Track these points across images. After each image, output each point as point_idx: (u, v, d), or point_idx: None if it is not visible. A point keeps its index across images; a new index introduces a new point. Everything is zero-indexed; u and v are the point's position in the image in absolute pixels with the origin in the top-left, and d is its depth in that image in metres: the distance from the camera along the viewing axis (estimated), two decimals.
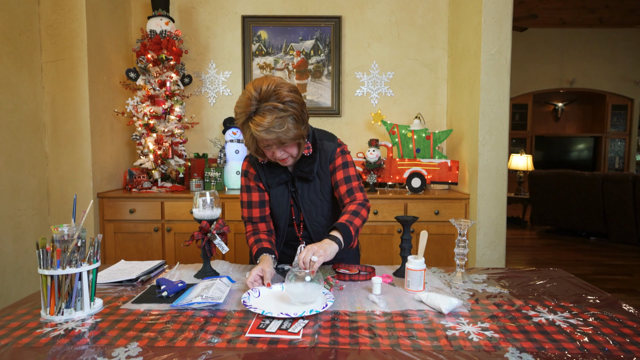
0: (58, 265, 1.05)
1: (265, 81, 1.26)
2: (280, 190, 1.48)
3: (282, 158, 1.37)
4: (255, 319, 1.06)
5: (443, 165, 2.82)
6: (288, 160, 1.39)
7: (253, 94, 1.25)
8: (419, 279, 1.26)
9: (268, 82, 1.26)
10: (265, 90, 1.24)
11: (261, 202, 1.51)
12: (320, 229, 1.51)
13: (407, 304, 1.18)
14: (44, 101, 2.58)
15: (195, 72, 3.20)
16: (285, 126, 1.26)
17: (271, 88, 1.25)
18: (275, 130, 1.25)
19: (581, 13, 6.24)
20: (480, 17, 2.55)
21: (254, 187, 1.51)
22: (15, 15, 2.36)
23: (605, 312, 1.13)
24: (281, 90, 1.26)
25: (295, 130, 1.30)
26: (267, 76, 1.29)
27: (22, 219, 2.41)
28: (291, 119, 1.28)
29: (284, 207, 1.49)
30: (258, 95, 1.25)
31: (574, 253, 4.91)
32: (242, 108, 1.27)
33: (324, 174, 1.48)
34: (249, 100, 1.25)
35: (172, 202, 2.71)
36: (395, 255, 2.71)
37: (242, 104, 1.27)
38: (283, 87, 1.27)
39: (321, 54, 3.20)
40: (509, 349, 0.91)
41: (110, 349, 0.91)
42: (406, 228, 1.43)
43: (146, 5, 3.12)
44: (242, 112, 1.27)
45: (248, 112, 1.26)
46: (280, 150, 1.34)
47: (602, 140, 7.95)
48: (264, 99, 1.25)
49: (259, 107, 1.25)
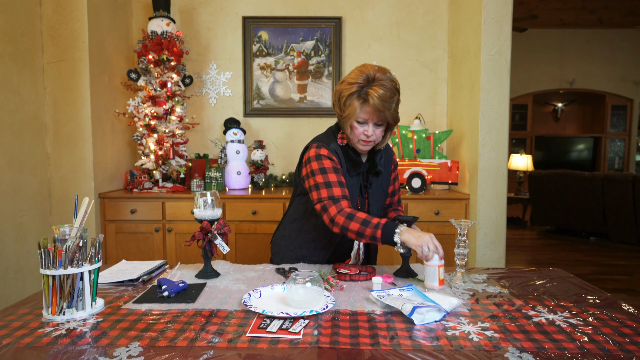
0: (60, 265, 1.06)
1: (376, 68, 1.40)
2: (355, 181, 1.52)
3: (368, 140, 1.44)
4: (256, 318, 1.07)
5: (443, 165, 2.83)
6: (370, 144, 1.46)
7: (369, 73, 1.38)
8: (433, 274, 1.29)
9: (381, 71, 1.40)
10: (378, 76, 1.38)
11: (348, 185, 1.49)
12: None
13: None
14: (46, 102, 2.58)
15: (196, 72, 3.21)
16: (392, 103, 1.40)
17: (382, 75, 1.39)
18: (386, 104, 1.37)
19: (581, 13, 6.25)
20: (480, 17, 2.56)
21: (340, 170, 1.47)
22: (17, 17, 2.36)
23: (605, 312, 1.13)
24: (391, 80, 1.40)
25: (395, 112, 1.43)
26: (375, 65, 1.43)
27: (24, 219, 2.42)
28: (396, 101, 1.42)
29: (355, 197, 1.53)
30: (373, 75, 1.38)
31: (574, 253, 4.91)
32: (355, 80, 1.39)
33: (386, 172, 1.60)
34: (365, 75, 1.38)
35: (173, 203, 2.71)
36: (396, 255, 2.71)
37: (355, 77, 1.39)
38: (391, 79, 1.41)
39: (322, 55, 3.21)
40: (509, 349, 0.92)
41: (111, 348, 0.92)
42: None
43: (147, 6, 3.13)
44: (355, 83, 1.38)
45: (364, 84, 1.38)
46: (373, 129, 1.42)
47: (601, 141, 7.95)
48: (378, 79, 1.38)
49: (375, 82, 1.38)
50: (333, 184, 1.42)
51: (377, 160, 1.54)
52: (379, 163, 1.54)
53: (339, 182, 1.43)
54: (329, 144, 1.49)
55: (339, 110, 1.45)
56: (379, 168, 1.54)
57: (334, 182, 1.42)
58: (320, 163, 1.45)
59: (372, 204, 1.56)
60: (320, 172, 1.44)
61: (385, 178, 1.61)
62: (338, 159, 1.48)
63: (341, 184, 1.43)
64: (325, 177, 1.43)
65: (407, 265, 1.46)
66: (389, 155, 1.63)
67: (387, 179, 1.62)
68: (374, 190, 1.56)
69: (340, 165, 1.48)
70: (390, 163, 1.64)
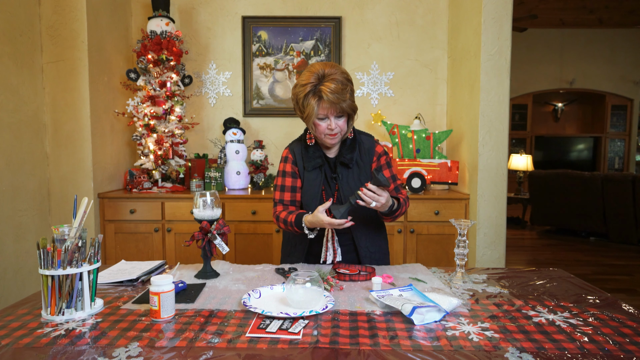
0: (59, 265, 1.06)
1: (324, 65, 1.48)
2: (314, 174, 1.60)
3: (333, 132, 1.50)
4: (255, 319, 1.07)
5: (443, 165, 2.83)
6: (337, 137, 1.52)
7: (318, 71, 1.45)
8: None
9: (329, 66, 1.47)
10: (327, 71, 1.46)
11: (293, 187, 1.63)
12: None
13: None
14: (45, 102, 2.58)
15: (195, 72, 3.21)
16: (346, 95, 1.46)
17: (332, 69, 1.46)
18: (340, 96, 1.43)
19: (581, 13, 6.25)
20: (480, 17, 2.56)
21: (289, 173, 1.63)
22: (16, 16, 2.36)
23: (605, 312, 1.13)
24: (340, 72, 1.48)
25: (351, 102, 1.49)
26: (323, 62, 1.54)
27: (23, 220, 2.42)
28: (349, 91, 1.48)
29: (316, 189, 1.59)
30: (323, 72, 1.46)
31: (574, 253, 4.91)
32: (307, 80, 1.46)
33: (363, 163, 1.61)
34: (315, 74, 1.45)
35: (173, 203, 2.71)
36: (395, 255, 2.71)
37: (307, 78, 1.46)
38: (340, 70, 1.48)
39: (321, 55, 3.20)
40: (509, 349, 0.92)
41: (110, 349, 0.92)
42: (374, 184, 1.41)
43: (146, 5, 3.13)
44: (308, 83, 1.45)
45: (316, 82, 1.45)
46: (335, 121, 1.49)
47: (601, 141, 7.95)
48: (328, 75, 1.45)
49: (325, 78, 1.45)
50: (276, 187, 1.65)
51: (343, 152, 1.58)
52: (345, 154, 1.57)
53: (281, 185, 1.63)
54: (292, 144, 1.66)
55: (300, 113, 1.53)
56: (345, 159, 1.57)
57: (277, 186, 1.65)
58: (280, 165, 1.66)
59: (346, 195, 1.57)
60: (277, 175, 1.66)
61: (363, 170, 1.60)
62: (294, 156, 1.63)
63: (282, 187, 1.63)
64: (276, 179, 1.66)
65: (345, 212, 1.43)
66: (367, 146, 1.63)
67: (364, 171, 1.60)
68: (345, 182, 1.58)
69: (296, 162, 1.62)
70: (371, 154, 1.62)
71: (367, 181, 1.56)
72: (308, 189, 1.60)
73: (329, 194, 1.60)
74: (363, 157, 1.61)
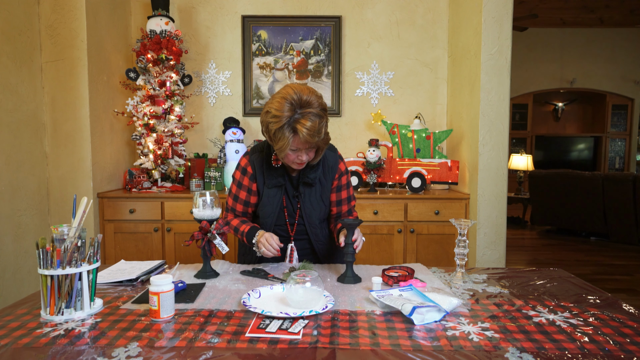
0: (58, 265, 1.05)
1: (301, 90, 1.37)
2: (274, 192, 1.56)
3: (302, 162, 1.45)
4: (255, 318, 1.06)
5: (443, 165, 2.82)
6: (304, 164, 1.48)
7: (294, 100, 1.34)
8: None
9: (305, 92, 1.36)
10: (305, 100, 1.35)
11: (246, 201, 1.62)
12: (316, 229, 1.62)
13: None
14: (44, 101, 2.58)
15: (195, 72, 3.20)
16: (322, 131, 1.38)
17: (308, 97, 1.36)
18: (315, 133, 1.35)
19: (581, 13, 6.24)
20: (481, 17, 2.55)
21: (245, 186, 1.60)
22: (15, 15, 2.36)
23: (606, 312, 1.12)
24: (316, 100, 1.37)
25: (325, 137, 1.42)
26: (297, 85, 1.40)
27: (22, 219, 2.41)
28: (325, 124, 1.41)
29: (274, 206, 1.57)
30: (299, 101, 1.35)
31: (574, 253, 4.90)
32: (282, 112, 1.34)
33: (325, 181, 1.59)
34: (291, 105, 1.34)
35: (172, 202, 2.71)
36: (396, 255, 2.71)
37: (282, 107, 1.34)
38: (316, 95, 1.38)
39: (321, 54, 3.20)
40: (509, 349, 0.91)
41: (110, 349, 0.91)
42: (350, 232, 1.38)
43: (146, 5, 3.12)
44: (282, 116, 1.34)
45: (290, 115, 1.35)
46: (307, 152, 1.43)
47: (602, 140, 7.95)
48: (305, 105, 1.35)
49: (303, 112, 1.35)
50: (230, 194, 1.64)
51: (308, 174, 1.54)
52: (309, 174, 1.54)
53: (235, 195, 1.61)
54: (252, 154, 1.58)
55: (270, 141, 1.46)
56: (308, 179, 1.54)
57: (231, 193, 1.63)
58: (236, 173, 1.61)
59: (307, 213, 1.58)
60: (232, 181, 1.64)
61: (325, 187, 1.59)
62: (253, 170, 1.57)
63: (236, 198, 1.61)
64: (232, 186, 1.63)
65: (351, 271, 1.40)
66: (331, 163, 1.60)
67: (327, 188, 1.60)
68: (308, 200, 1.57)
69: (255, 176, 1.57)
70: (334, 172, 1.60)
71: (327, 199, 1.60)
72: (267, 204, 1.57)
73: (291, 212, 1.59)
74: (326, 174, 1.59)
